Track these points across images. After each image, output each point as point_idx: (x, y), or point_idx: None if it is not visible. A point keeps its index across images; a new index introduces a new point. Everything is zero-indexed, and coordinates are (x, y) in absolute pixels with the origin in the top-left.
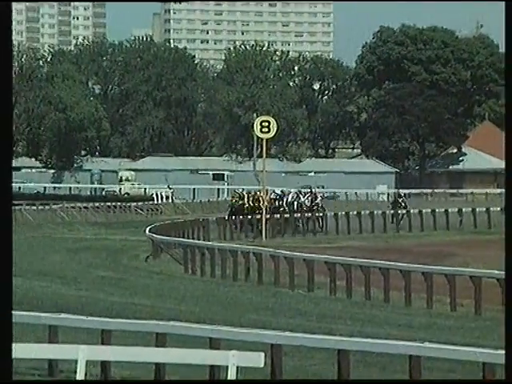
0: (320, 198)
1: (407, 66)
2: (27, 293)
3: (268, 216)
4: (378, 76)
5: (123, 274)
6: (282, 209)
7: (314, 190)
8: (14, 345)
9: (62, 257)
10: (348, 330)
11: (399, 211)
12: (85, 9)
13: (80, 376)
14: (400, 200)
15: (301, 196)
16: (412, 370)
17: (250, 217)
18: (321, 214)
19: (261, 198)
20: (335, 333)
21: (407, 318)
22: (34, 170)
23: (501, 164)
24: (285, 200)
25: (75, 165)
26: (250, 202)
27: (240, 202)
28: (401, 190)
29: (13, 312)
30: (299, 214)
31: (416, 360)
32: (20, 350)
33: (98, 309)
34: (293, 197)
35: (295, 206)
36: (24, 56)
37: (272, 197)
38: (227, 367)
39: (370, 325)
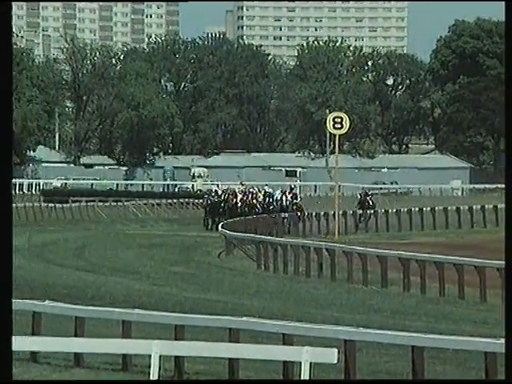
0: (300, 199)
1: (482, 60)
2: (100, 288)
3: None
4: (452, 70)
5: (196, 270)
6: (272, 207)
7: (294, 190)
8: (88, 339)
9: (135, 253)
10: (422, 326)
11: (367, 211)
12: (158, 7)
13: (154, 371)
14: (368, 199)
15: (287, 194)
16: (488, 367)
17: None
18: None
19: (250, 195)
20: (409, 329)
21: (482, 314)
22: (106, 167)
23: None
24: (274, 198)
25: (148, 162)
26: (233, 199)
27: (216, 200)
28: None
29: (87, 308)
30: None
31: (492, 357)
32: (93, 345)
33: (171, 304)
34: (279, 195)
35: (283, 204)
36: (97, 54)
37: (260, 194)
38: (300, 363)
39: (444, 321)
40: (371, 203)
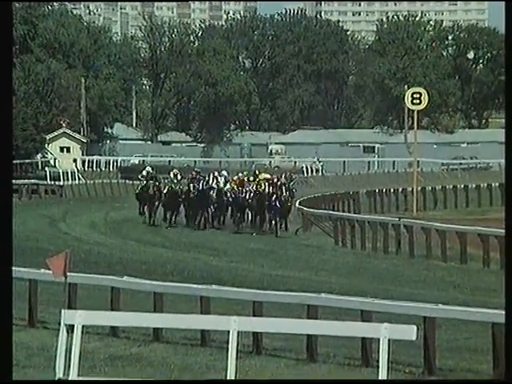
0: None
1: None
2: (178, 264)
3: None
4: None
5: (273, 247)
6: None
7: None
8: (165, 315)
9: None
10: (502, 302)
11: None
12: None
13: (232, 347)
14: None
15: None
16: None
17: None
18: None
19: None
20: (489, 305)
21: None
22: (183, 145)
23: None
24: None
25: (225, 139)
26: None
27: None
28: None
29: (165, 283)
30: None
31: None
32: (172, 321)
33: (248, 280)
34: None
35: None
36: (175, 31)
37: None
38: (379, 340)
39: None
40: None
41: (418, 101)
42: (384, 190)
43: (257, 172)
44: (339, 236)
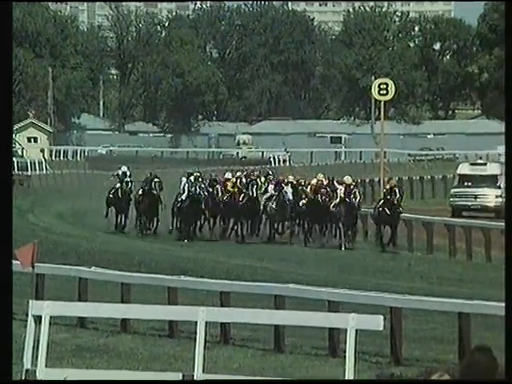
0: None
1: None
2: (146, 255)
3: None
4: (500, 34)
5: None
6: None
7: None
8: (132, 305)
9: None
10: (468, 292)
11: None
12: None
13: (200, 337)
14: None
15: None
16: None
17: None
18: None
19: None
20: (455, 296)
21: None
22: (151, 135)
23: None
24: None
25: (192, 129)
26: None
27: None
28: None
29: (133, 274)
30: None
31: None
32: (140, 311)
33: (216, 271)
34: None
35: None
36: (142, 21)
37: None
38: (346, 330)
39: (491, 287)
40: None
41: (384, 91)
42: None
43: (321, 175)
44: None
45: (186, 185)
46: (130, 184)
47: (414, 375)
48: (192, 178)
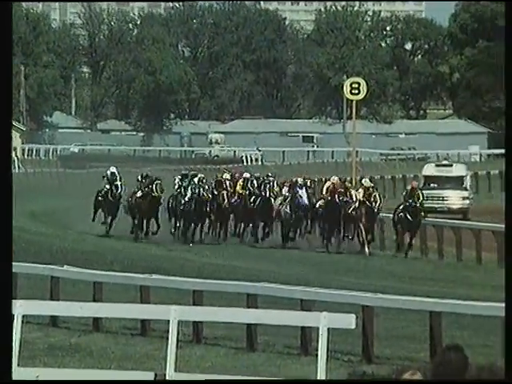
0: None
1: (502, 23)
2: (119, 254)
3: None
4: (471, 34)
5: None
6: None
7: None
8: (105, 304)
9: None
10: (440, 291)
11: None
12: None
13: (172, 336)
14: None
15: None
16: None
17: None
18: None
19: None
20: (427, 294)
21: (500, 279)
22: (123, 133)
23: None
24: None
25: (164, 128)
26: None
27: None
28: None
29: (105, 273)
30: None
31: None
32: (112, 310)
33: (189, 270)
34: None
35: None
36: (114, 19)
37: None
38: (318, 329)
39: (462, 286)
40: None
41: (356, 91)
42: (323, 179)
43: (335, 178)
44: None
45: (189, 186)
46: (119, 187)
47: (386, 373)
48: (196, 179)
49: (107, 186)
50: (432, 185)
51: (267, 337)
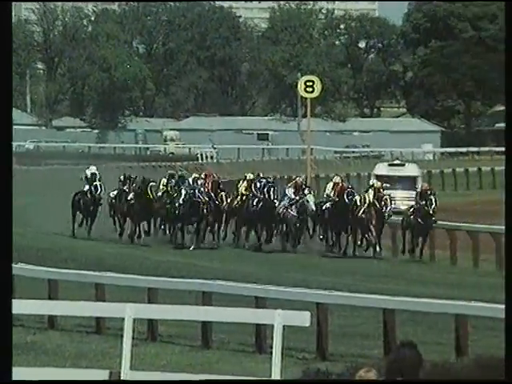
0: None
1: (454, 23)
2: (74, 251)
3: None
4: (424, 34)
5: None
6: None
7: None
8: (59, 302)
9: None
10: (394, 289)
11: None
12: None
13: (127, 334)
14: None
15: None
16: (459, 329)
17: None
18: None
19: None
20: (381, 292)
21: (453, 277)
22: (78, 130)
23: None
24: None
25: (119, 125)
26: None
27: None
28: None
29: (60, 270)
30: None
31: (462, 319)
32: (67, 308)
33: (143, 268)
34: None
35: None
36: (68, 15)
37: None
38: (273, 326)
39: (415, 284)
40: None
41: (310, 89)
42: (279, 177)
43: (337, 178)
44: None
45: (183, 187)
46: (99, 187)
47: (340, 371)
48: (190, 179)
49: (86, 187)
50: (384, 184)
51: (222, 334)
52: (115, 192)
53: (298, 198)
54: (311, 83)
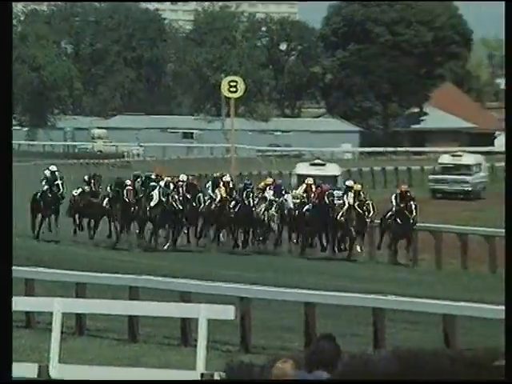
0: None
1: (371, 28)
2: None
3: None
4: (342, 37)
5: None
6: None
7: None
8: None
9: None
10: (315, 283)
11: None
12: None
13: (56, 328)
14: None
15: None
16: (376, 323)
17: None
18: None
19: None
20: (303, 286)
21: (371, 272)
22: None
23: (460, 123)
24: None
25: (48, 123)
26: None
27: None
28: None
29: None
30: None
31: (379, 313)
32: None
33: (74, 263)
34: None
35: None
36: None
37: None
38: (198, 320)
39: (335, 279)
40: None
41: (234, 89)
42: (205, 175)
43: (310, 180)
44: None
45: (156, 190)
46: (61, 187)
47: (262, 362)
48: (162, 182)
49: (46, 187)
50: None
51: (148, 328)
52: (78, 191)
53: (276, 198)
54: (234, 84)
